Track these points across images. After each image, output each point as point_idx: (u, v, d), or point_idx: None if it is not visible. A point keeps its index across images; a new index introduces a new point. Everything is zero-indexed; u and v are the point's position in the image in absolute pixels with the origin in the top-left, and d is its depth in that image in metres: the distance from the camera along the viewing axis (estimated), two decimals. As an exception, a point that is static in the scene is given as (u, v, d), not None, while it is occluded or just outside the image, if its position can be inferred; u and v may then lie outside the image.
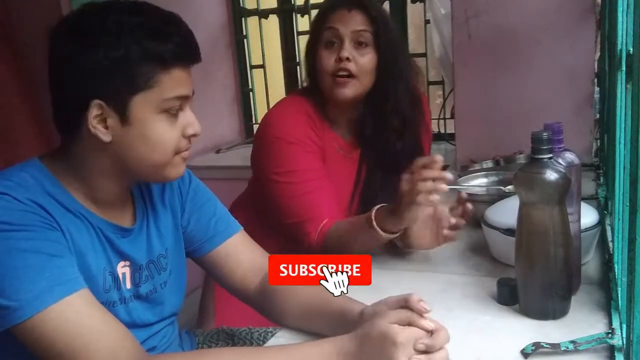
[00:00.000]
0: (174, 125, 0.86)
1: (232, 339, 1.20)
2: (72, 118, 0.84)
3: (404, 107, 1.35)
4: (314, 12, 2.03)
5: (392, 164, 1.36)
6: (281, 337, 0.95)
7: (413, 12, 2.73)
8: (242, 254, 1.05)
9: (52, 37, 0.84)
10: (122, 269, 0.91)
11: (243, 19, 3.01)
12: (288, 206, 1.28)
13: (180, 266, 1.03)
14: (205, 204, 1.06)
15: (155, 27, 0.82)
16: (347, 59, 1.27)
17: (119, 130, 0.83)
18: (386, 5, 2.67)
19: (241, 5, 3.00)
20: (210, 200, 1.07)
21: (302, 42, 2.74)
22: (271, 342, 0.95)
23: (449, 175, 1.03)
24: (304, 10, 2.73)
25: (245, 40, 3.03)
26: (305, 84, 1.42)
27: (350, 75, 1.28)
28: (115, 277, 0.90)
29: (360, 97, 1.33)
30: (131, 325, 0.91)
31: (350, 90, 1.29)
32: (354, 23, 1.29)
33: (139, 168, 0.87)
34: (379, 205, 1.13)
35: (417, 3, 2.66)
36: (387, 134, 1.36)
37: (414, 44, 2.82)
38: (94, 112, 0.81)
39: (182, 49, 0.84)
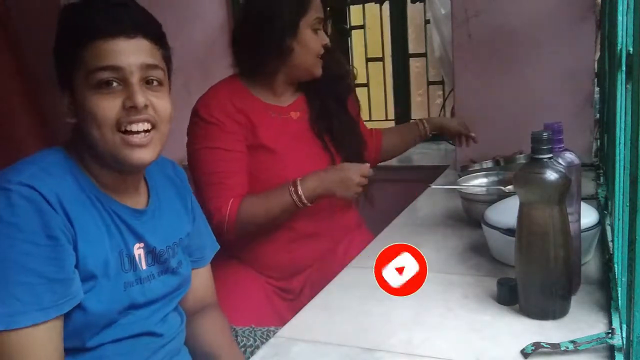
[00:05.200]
0: (109, 100, 0.85)
1: (235, 337, 1.21)
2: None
3: (335, 88, 1.54)
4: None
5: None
6: (281, 337, 0.95)
7: (413, 12, 2.74)
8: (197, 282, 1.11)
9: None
10: (138, 250, 0.94)
11: (243, 18, 3.01)
12: (200, 179, 1.40)
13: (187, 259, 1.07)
14: (203, 233, 1.13)
15: (78, 6, 0.87)
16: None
17: (75, 112, 0.88)
18: (386, 6, 2.68)
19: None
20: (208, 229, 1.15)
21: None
22: (272, 341, 0.95)
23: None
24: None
25: (245, 40, 3.02)
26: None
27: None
28: (131, 259, 0.92)
29: None
30: (145, 304, 0.94)
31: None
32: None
33: (97, 150, 0.88)
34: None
35: (417, 3, 2.66)
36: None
37: (414, 44, 2.82)
38: (65, 100, 0.88)
39: (100, 22, 0.85)
